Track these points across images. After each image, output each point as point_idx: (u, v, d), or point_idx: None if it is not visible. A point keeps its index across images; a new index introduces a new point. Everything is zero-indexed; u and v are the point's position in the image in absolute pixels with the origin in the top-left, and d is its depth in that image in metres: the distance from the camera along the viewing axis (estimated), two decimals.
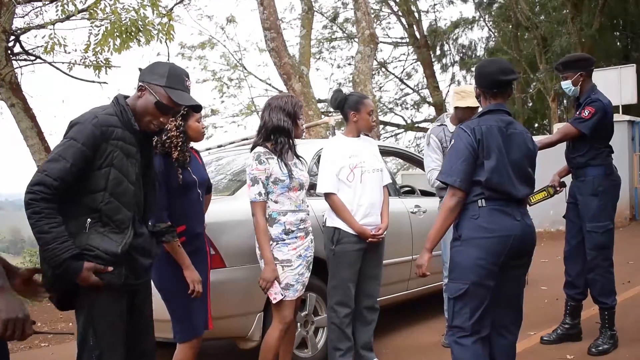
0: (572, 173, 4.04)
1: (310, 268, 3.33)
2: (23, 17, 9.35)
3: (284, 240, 3.19)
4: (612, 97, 4.17)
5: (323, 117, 9.40)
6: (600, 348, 3.77)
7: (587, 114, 3.78)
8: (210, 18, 19.64)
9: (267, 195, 3.18)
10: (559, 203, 4.36)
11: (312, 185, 3.63)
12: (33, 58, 9.10)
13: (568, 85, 3.91)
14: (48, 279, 2.16)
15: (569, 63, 3.92)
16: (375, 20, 17.60)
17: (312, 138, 7.88)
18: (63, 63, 8.21)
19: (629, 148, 10.27)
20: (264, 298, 3.36)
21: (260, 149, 3.21)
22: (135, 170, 2.25)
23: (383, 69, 20.54)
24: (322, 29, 19.34)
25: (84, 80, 8.66)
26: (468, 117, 3.71)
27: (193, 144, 3.09)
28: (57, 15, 7.87)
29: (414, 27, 19.78)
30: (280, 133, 3.22)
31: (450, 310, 2.74)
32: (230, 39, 19.34)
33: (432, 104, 20.07)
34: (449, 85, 20.06)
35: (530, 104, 19.01)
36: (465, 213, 2.69)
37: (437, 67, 20.37)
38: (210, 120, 17.73)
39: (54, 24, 7.71)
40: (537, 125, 20.22)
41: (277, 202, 3.20)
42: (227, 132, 18.29)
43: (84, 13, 7.51)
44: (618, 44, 18.36)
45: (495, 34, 19.66)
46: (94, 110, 2.24)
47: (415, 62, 20.83)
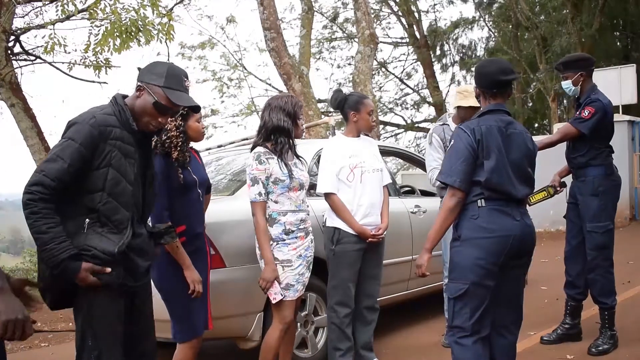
0: (572, 173, 4.03)
1: (311, 268, 3.33)
2: (23, 17, 9.36)
3: (284, 240, 3.19)
4: (612, 97, 4.17)
5: (323, 117, 9.39)
6: (600, 348, 3.77)
7: (587, 114, 3.77)
8: (210, 18, 19.62)
9: (267, 195, 3.18)
10: (559, 203, 4.36)
11: (312, 185, 3.62)
12: (33, 58, 9.09)
13: (568, 85, 3.91)
14: (46, 279, 2.16)
15: (569, 63, 3.92)
16: (375, 20, 17.60)
17: (312, 138, 7.88)
18: (63, 63, 8.21)
19: (629, 148, 10.27)
20: (264, 298, 3.36)
21: (260, 149, 3.21)
22: (134, 170, 2.25)
23: (383, 69, 20.54)
24: (322, 29, 19.38)
25: (84, 80, 8.65)
26: (470, 116, 3.69)
27: (193, 144, 3.09)
28: (57, 15, 7.87)
29: (414, 27, 19.77)
30: (280, 133, 3.22)
31: (451, 311, 2.74)
32: (230, 39, 19.40)
33: (432, 104, 20.07)
34: (449, 85, 20.11)
35: (530, 104, 19.00)
36: (465, 213, 2.69)
37: (437, 67, 20.42)
38: (210, 120, 17.77)
39: (54, 24, 7.70)
40: (537, 125, 20.22)
41: (277, 202, 3.20)
42: (227, 132, 18.33)
43: (84, 13, 7.50)
44: (618, 44, 18.36)
45: (495, 34, 19.65)
46: (92, 110, 2.24)
47: (415, 62, 20.84)
